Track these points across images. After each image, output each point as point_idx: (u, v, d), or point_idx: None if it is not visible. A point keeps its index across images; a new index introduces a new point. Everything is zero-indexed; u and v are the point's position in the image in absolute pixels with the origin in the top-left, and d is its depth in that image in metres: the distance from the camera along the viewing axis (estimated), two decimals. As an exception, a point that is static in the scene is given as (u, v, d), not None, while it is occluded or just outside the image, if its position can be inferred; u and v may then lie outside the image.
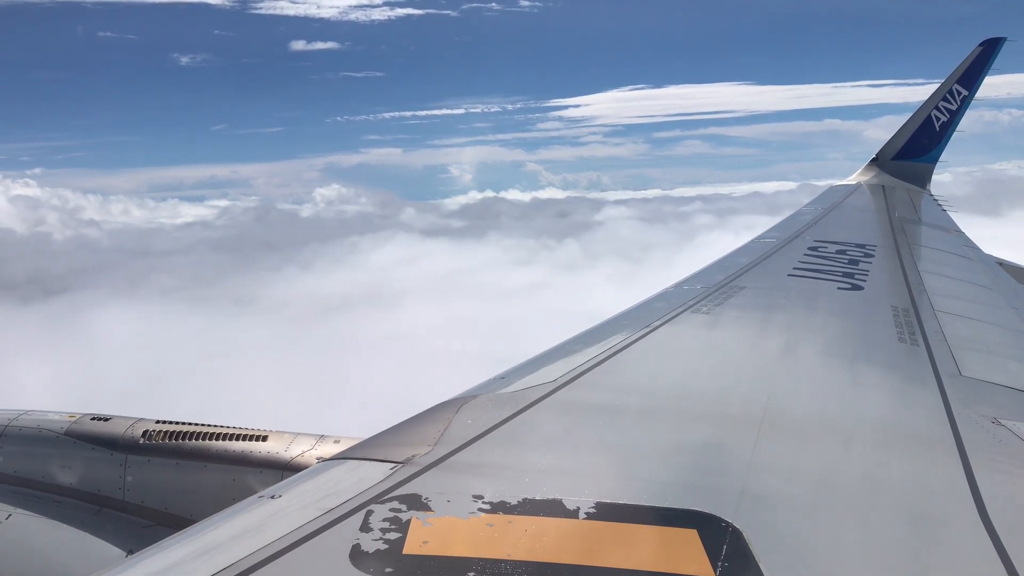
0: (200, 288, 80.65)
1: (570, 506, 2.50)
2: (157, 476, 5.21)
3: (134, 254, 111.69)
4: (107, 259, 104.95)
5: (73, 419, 5.51)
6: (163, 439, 5.27)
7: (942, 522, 2.63)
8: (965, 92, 17.39)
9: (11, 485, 5.34)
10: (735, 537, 2.36)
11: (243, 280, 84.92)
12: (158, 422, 5.42)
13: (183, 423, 5.41)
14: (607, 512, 2.48)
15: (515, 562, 2.18)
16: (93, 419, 5.50)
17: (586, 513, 2.46)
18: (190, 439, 5.26)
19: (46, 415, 5.61)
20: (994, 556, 2.37)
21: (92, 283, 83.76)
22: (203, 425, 5.38)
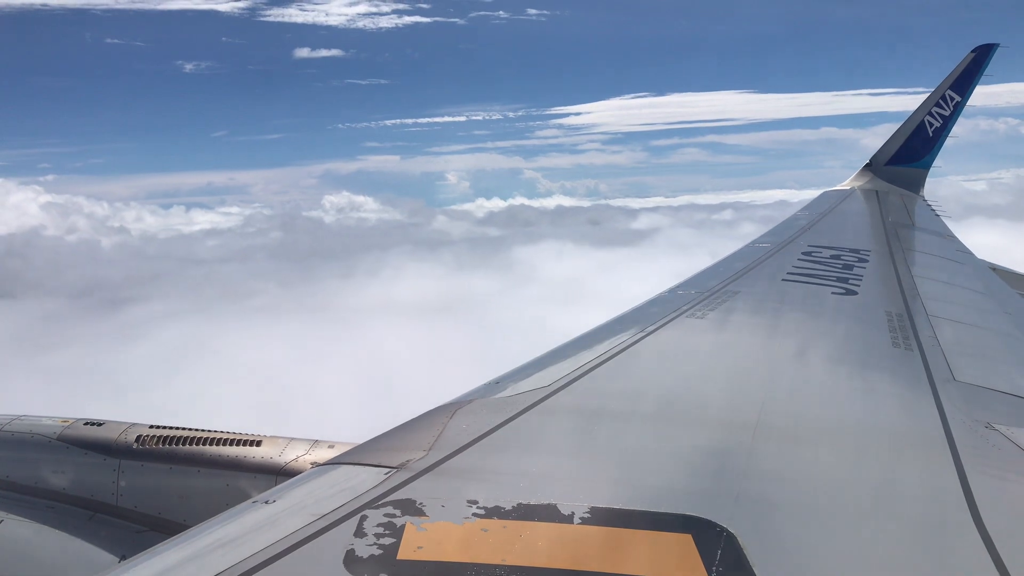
0: (276, 296, 78.77)
1: (565, 511, 2.49)
2: (151, 481, 5.19)
3: (187, 262, 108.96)
4: (161, 267, 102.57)
5: (66, 424, 5.49)
6: (157, 444, 5.25)
7: (936, 526, 2.63)
8: (958, 98, 17.48)
9: (3, 490, 5.32)
10: (730, 542, 2.36)
11: (315, 289, 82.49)
12: (152, 427, 5.40)
13: (177, 428, 5.39)
14: (602, 517, 2.48)
15: (510, 567, 2.18)
16: (86, 424, 5.48)
17: (581, 518, 2.46)
18: (184, 444, 5.24)
19: (39, 420, 5.59)
20: (988, 561, 2.38)
21: (160, 292, 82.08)
22: (197, 430, 5.36)
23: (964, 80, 17.45)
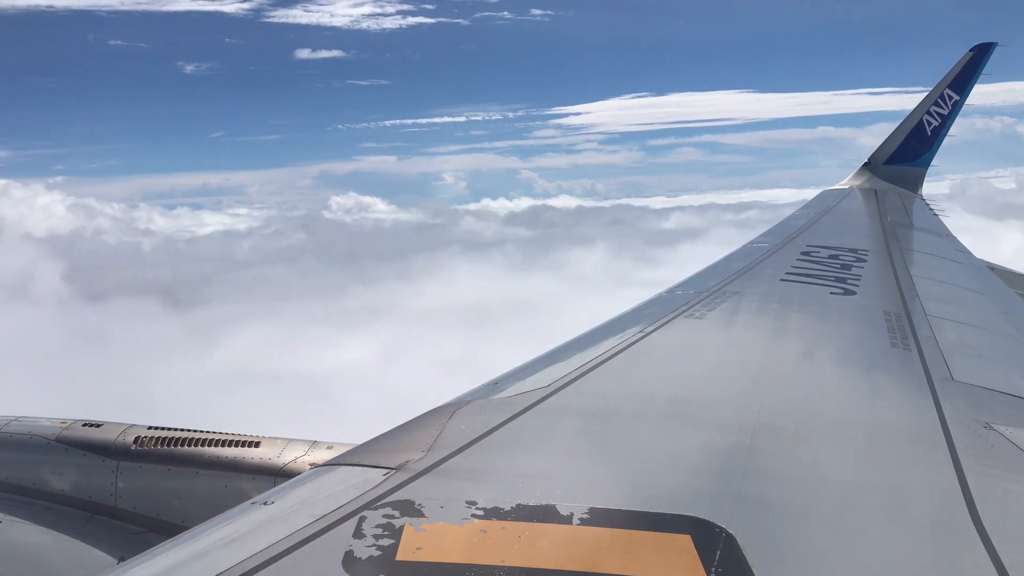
0: (345, 297, 77.15)
1: (564, 512, 2.49)
2: (149, 482, 5.19)
3: (230, 263, 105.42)
4: (207, 269, 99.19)
5: (64, 425, 5.49)
6: (155, 445, 5.25)
7: (935, 527, 2.64)
8: (956, 97, 17.50)
9: (1, 492, 5.31)
10: (729, 542, 2.36)
11: (377, 290, 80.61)
12: (150, 428, 5.40)
13: (175, 429, 5.39)
14: (601, 518, 2.47)
15: (509, 568, 2.17)
16: (84, 425, 5.48)
17: (580, 519, 2.45)
18: (182, 445, 5.24)
19: (37, 421, 5.58)
20: (987, 561, 2.38)
21: (220, 294, 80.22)
22: (195, 431, 5.36)
23: (962, 79, 17.47)
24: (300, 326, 63.79)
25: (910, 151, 17.82)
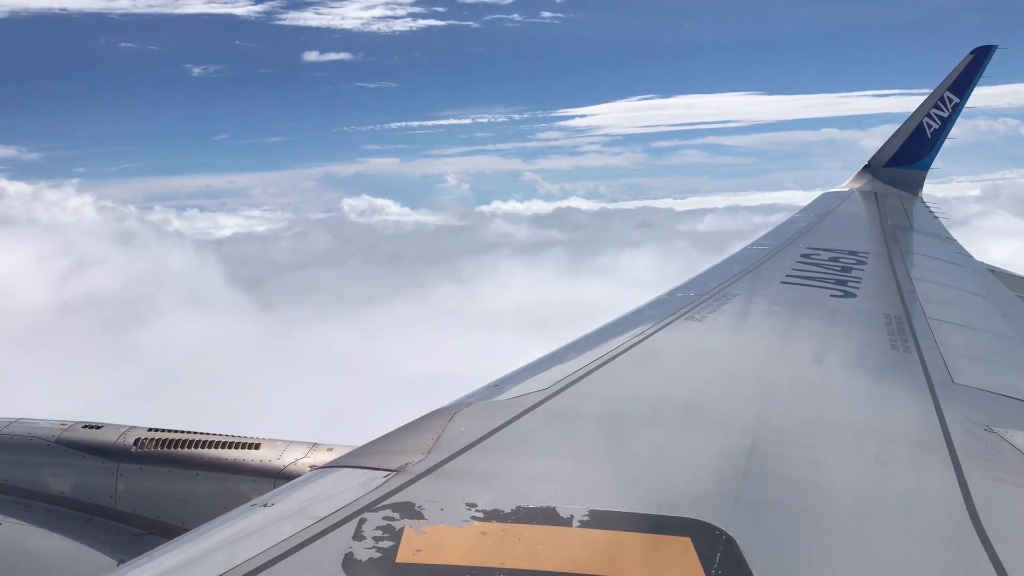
0: (404, 301, 74.04)
1: (564, 514, 2.49)
2: (149, 484, 5.19)
3: (274, 266, 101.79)
4: (253, 272, 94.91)
5: (64, 427, 5.49)
6: (155, 447, 5.25)
7: (935, 529, 2.64)
8: (956, 99, 17.51)
9: (1, 494, 5.31)
10: (729, 545, 2.36)
11: (434, 293, 78.47)
12: (150, 430, 5.40)
13: (175, 431, 5.39)
14: (600, 520, 2.47)
15: (509, 570, 2.17)
16: (85, 427, 5.48)
17: (580, 521, 2.45)
18: (182, 447, 5.24)
19: (37, 423, 5.59)
20: (987, 563, 2.38)
21: (280, 298, 77.64)
22: (195, 433, 5.36)
23: (962, 81, 17.48)
24: (387, 329, 61.80)
25: (910, 154, 17.84)
